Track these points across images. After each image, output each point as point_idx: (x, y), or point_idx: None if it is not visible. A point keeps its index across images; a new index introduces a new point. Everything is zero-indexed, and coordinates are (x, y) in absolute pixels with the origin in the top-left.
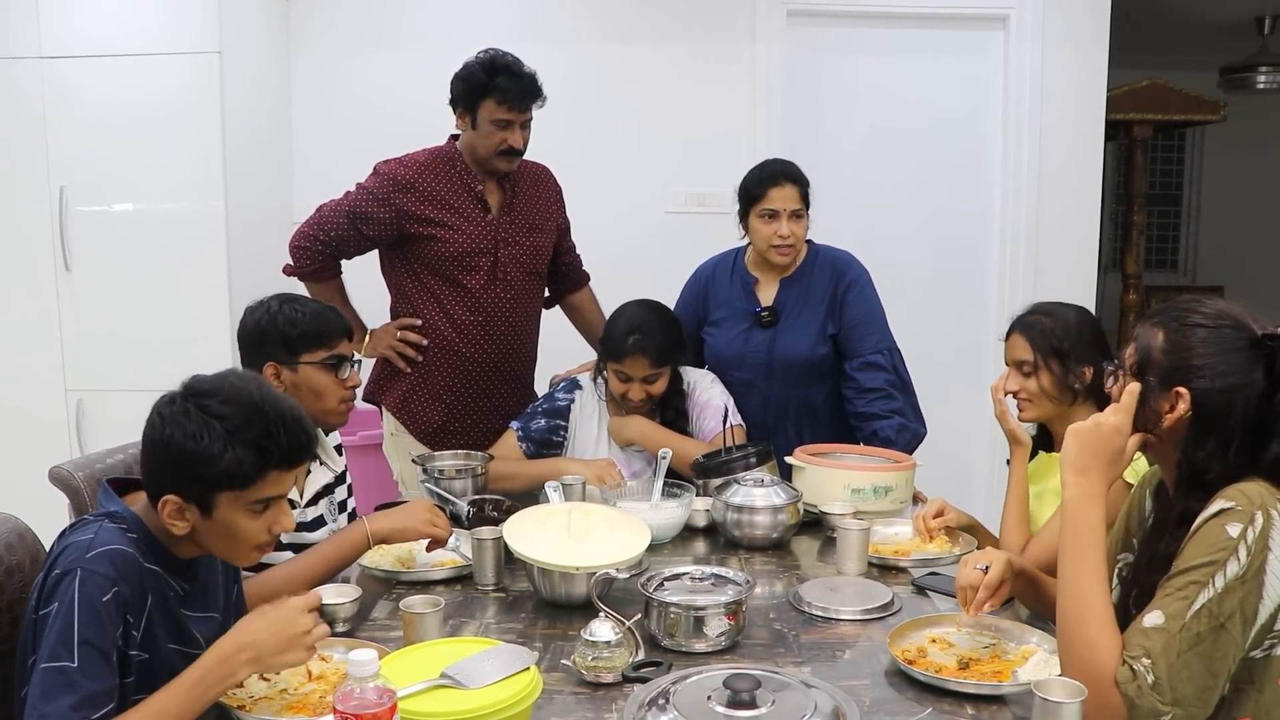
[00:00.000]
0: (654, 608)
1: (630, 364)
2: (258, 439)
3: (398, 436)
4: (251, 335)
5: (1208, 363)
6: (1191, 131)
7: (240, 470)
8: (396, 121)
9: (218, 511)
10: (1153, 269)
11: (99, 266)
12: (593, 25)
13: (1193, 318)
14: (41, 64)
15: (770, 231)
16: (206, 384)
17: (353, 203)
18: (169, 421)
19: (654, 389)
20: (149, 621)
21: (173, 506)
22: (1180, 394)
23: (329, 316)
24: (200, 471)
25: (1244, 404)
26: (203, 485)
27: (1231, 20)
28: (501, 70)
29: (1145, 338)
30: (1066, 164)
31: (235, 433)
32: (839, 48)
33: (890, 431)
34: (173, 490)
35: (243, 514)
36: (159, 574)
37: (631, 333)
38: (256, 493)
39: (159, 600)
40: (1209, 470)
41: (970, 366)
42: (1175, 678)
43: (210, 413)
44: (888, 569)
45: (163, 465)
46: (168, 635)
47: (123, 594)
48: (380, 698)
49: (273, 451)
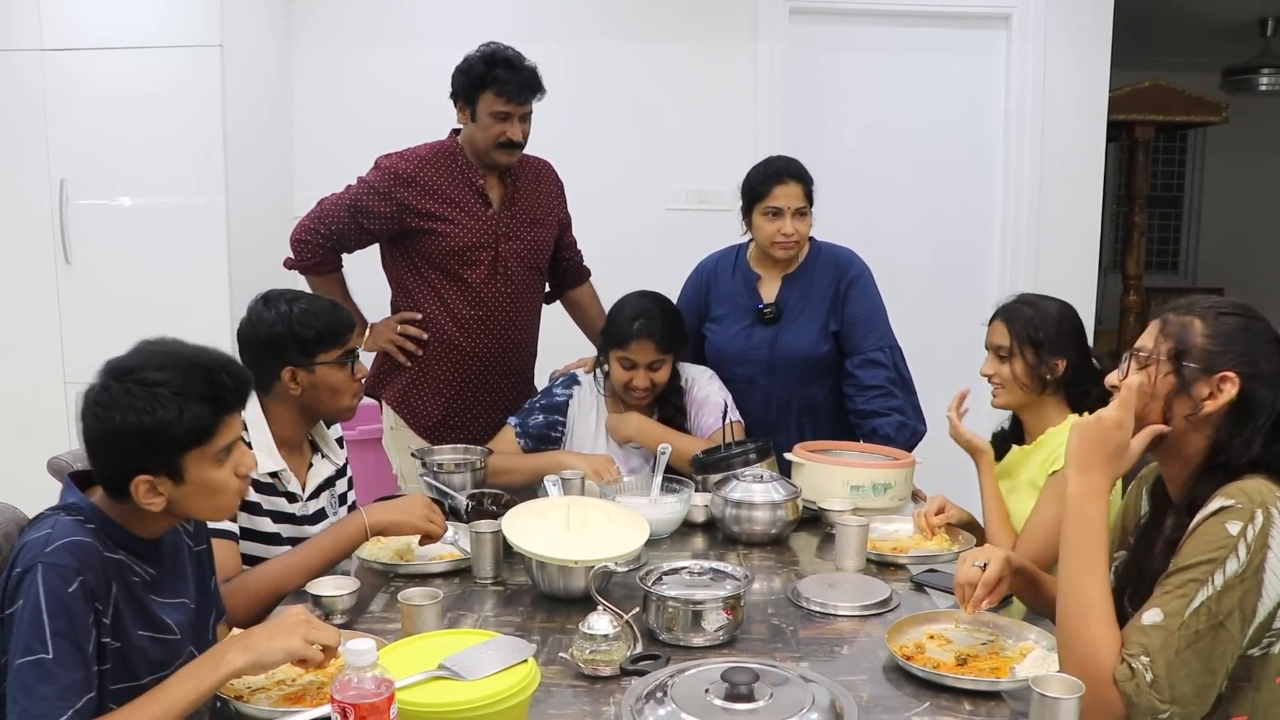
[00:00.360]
0: (652, 602)
1: (636, 348)
2: (206, 390)
3: (397, 431)
4: (265, 340)
5: (1254, 348)
6: (1193, 133)
7: (200, 425)
8: (397, 116)
9: (189, 474)
10: (1153, 270)
11: (99, 259)
12: (595, 22)
13: (1223, 308)
14: (42, 56)
15: (774, 229)
16: (130, 361)
17: (354, 196)
18: (113, 408)
19: (658, 376)
20: (116, 609)
21: (145, 486)
22: (1228, 377)
23: (340, 314)
24: (163, 441)
25: (1277, 396)
26: (169, 454)
27: (1234, 22)
28: (500, 63)
29: (1177, 326)
30: (1068, 164)
31: (182, 393)
32: (841, 45)
33: (890, 429)
34: (140, 471)
35: (211, 467)
36: (123, 561)
37: (637, 318)
38: (218, 442)
39: (124, 588)
40: (1239, 457)
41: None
42: (1174, 675)
43: (150, 384)
44: (886, 566)
45: (124, 451)
46: (136, 622)
47: (88, 583)
48: (378, 687)
49: (223, 397)
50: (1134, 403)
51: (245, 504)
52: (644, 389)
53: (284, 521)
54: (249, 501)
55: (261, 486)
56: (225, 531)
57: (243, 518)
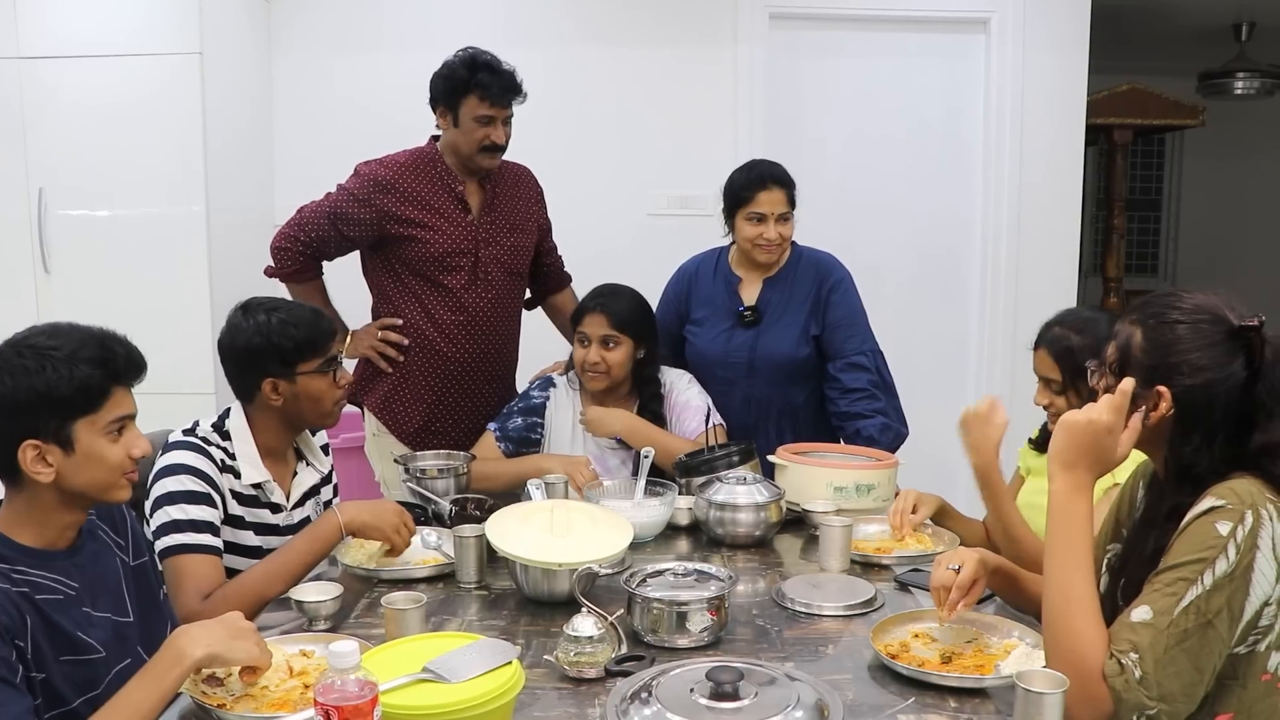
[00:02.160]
0: (637, 603)
1: (588, 322)
2: (97, 355)
3: (379, 437)
4: (244, 353)
5: (1186, 359)
6: (1171, 136)
7: (89, 386)
8: (377, 123)
9: (79, 444)
10: (1133, 273)
11: (79, 268)
12: (574, 27)
13: (1170, 314)
14: (19, 64)
15: (757, 234)
16: (20, 335)
17: (333, 204)
18: (3, 372)
19: (611, 356)
20: (34, 642)
21: (33, 452)
22: (1161, 393)
23: (320, 322)
24: (53, 399)
25: (1225, 396)
26: (59, 417)
27: (1209, 26)
28: (483, 67)
29: (1124, 335)
30: (1047, 167)
31: (74, 356)
32: (821, 51)
33: (874, 430)
34: (29, 435)
35: (102, 439)
36: (36, 583)
37: (596, 296)
38: (108, 413)
39: (39, 617)
40: (1196, 465)
41: (952, 370)
42: (1162, 673)
43: (41, 348)
44: (870, 566)
45: (14, 414)
46: (57, 650)
47: (1, 622)
48: (361, 689)
49: (114, 362)
50: (1125, 406)
51: (228, 517)
52: (594, 364)
53: (267, 533)
54: (232, 515)
55: (244, 499)
56: (208, 546)
57: (226, 532)
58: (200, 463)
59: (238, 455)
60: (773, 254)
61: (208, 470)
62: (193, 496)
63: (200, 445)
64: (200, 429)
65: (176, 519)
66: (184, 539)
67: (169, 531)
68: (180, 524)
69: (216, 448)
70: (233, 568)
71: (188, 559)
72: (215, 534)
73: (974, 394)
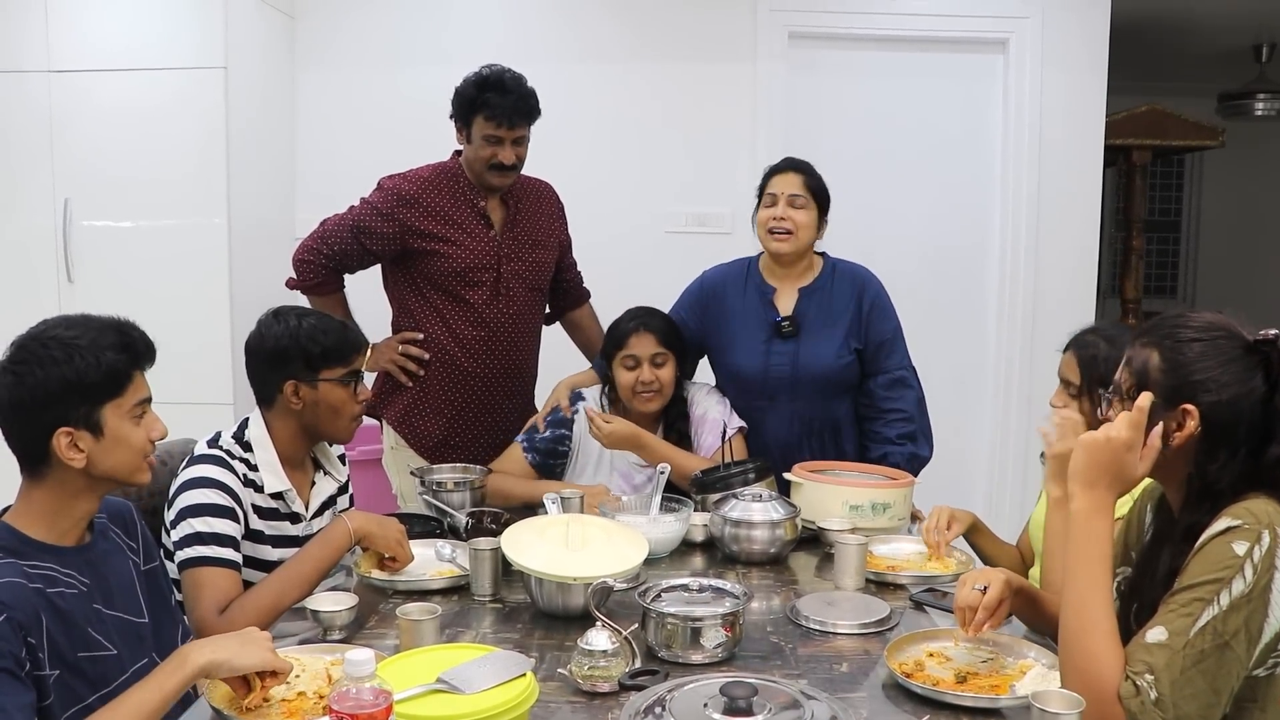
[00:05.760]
0: (651, 618)
1: (636, 342)
2: (118, 341)
3: (398, 450)
4: (271, 352)
5: (1210, 376)
6: (1190, 157)
7: (116, 371)
8: (399, 138)
9: (107, 428)
10: (1151, 295)
11: (101, 278)
12: (594, 45)
13: (1185, 333)
14: (49, 77)
15: (767, 215)
16: (36, 329)
17: (356, 217)
18: (31, 364)
19: (663, 374)
20: (50, 639)
21: (67, 440)
22: (1188, 411)
23: (349, 335)
24: (83, 386)
25: (1249, 412)
26: (89, 403)
27: (1230, 48)
28: (492, 87)
29: (1139, 359)
30: (1066, 188)
31: (96, 343)
32: (840, 70)
33: (900, 459)
34: (61, 423)
35: (128, 422)
36: (50, 576)
37: (634, 318)
38: (132, 396)
39: (55, 614)
40: (1219, 481)
41: (970, 391)
42: (1178, 694)
43: (64, 339)
44: (885, 585)
45: (46, 405)
46: (74, 646)
47: (15, 618)
48: (376, 698)
49: (135, 346)
50: (1144, 423)
51: (249, 532)
52: (649, 384)
53: (286, 545)
54: (252, 530)
55: (265, 512)
56: (228, 560)
57: (246, 546)
58: (225, 477)
59: (259, 464)
60: (785, 243)
61: (232, 485)
62: (217, 510)
63: (224, 459)
64: (223, 440)
65: (200, 531)
66: (205, 551)
67: (191, 543)
68: (204, 536)
69: (239, 460)
70: (250, 581)
71: (207, 571)
72: (236, 548)
73: (991, 414)
